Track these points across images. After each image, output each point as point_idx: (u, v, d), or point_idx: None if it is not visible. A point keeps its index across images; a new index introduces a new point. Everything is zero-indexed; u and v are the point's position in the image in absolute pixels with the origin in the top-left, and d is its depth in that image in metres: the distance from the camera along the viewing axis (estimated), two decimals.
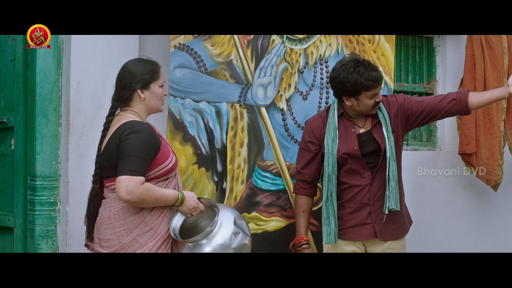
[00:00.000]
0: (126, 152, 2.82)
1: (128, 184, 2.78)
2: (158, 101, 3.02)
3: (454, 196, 4.97)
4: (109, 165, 2.91)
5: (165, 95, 3.06)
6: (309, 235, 3.68)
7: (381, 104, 3.44)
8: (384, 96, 3.52)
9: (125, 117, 2.95)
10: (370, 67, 3.34)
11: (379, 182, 3.41)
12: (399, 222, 3.47)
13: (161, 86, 3.01)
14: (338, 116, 3.47)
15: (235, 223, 3.00)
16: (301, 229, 3.53)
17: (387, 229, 3.42)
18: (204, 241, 2.92)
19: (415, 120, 3.49)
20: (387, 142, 3.38)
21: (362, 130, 3.45)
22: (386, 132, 3.39)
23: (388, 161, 3.36)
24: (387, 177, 3.36)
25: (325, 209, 3.43)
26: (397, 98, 3.50)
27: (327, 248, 3.51)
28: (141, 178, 2.80)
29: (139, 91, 2.96)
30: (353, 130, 3.44)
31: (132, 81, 2.95)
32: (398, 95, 3.53)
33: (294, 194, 3.62)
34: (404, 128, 3.50)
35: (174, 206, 2.95)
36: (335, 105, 3.48)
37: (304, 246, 3.51)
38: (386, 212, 3.37)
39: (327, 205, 3.42)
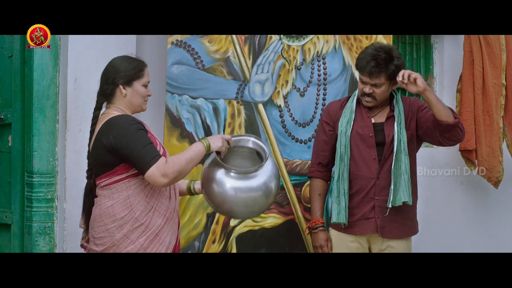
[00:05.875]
0: (132, 150, 2.81)
1: (157, 172, 2.79)
2: (140, 100, 2.99)
3: (451, 193, 4.97)
4: (97, 162, 2.91)
5: (149, 95, 3.03)
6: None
7: (400, 100, 3.43)
8: (407, 97, 3.51)
9: (109, 114, 2.94)
10: (376, 58, 3.31)
11: (387, 176, 3.38)
12: (398, 221, 3.41)
13: (145, 86, 3.00)
14: (356, 101, 3.47)
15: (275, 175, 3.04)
16: (316, 211, 3.51)
17: (387, 226, 3.39)
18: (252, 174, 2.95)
19: (419, 130, 3.44)
20: (395, 135, 3.36)
21: (375, 119, 3.44)
22: (397, 126, 3.37)
23: (396, 154, 3.34)
24: (395, 170, 3.34)
25: (336, 188, 3.41)
26: (417, 101, 3.48)
27: (335, 234, 3.48)
28: (162, 158, 2.82)
29: (121, 87, 2.95)
30: (369, 115, 3.44)
31: (115, 76, 2.95)
32: (418, 100, 3.50)
33: (309, 178, 3.59)
34: (417, 133, 3.45)
35: (207, 153, 2.95)
36: (357, 91, 3.49)
37: (320, 229, 3.49)
38: (390, 206, 3.35)
39: (338, 184, 3.41)
